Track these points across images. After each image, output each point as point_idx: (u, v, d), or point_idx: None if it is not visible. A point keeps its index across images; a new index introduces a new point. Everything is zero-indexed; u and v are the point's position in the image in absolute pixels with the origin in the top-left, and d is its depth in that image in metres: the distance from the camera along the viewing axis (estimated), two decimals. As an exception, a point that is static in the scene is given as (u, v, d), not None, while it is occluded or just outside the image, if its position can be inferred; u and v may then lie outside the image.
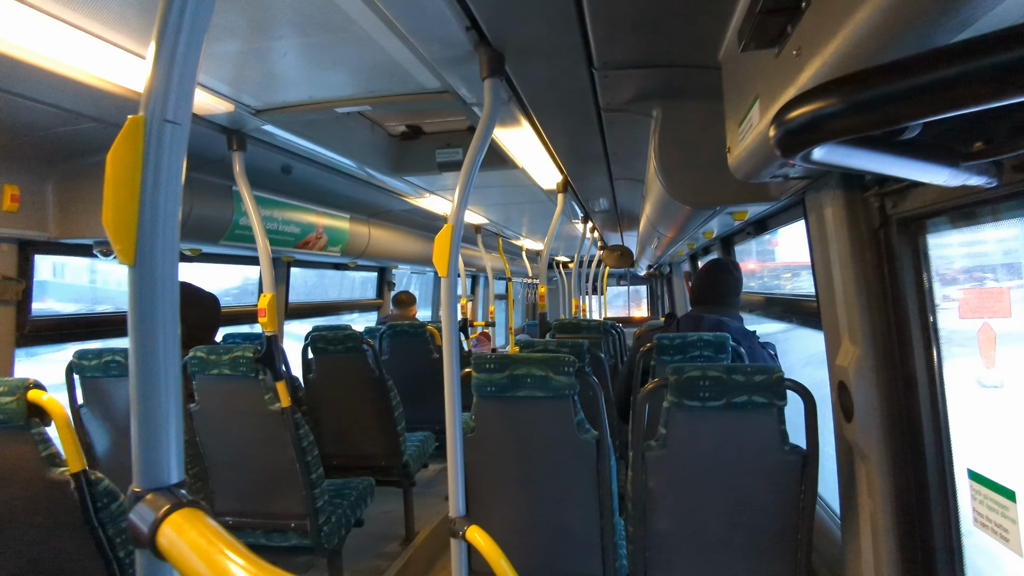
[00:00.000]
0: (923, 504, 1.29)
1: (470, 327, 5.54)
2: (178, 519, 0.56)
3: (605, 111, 2.00)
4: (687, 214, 2.38)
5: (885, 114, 0.55)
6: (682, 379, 1.54)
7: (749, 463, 1.56)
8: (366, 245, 4.04)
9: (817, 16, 0.77)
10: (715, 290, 2.50)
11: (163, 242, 0.60)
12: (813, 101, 0.59)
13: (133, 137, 0.58)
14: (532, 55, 1.56)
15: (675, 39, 1.46)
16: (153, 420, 0.61)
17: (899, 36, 0.62)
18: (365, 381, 3.01)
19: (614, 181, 3.36)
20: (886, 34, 0.63)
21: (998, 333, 1.16)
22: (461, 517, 1.53)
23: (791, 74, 0.87)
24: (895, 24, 0.62)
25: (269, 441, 2.22)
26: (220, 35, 1.43)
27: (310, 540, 2.29)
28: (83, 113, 1.77)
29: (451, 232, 1.51)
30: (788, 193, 1.68)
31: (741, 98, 1.22)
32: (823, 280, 1.53)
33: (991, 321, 1.16)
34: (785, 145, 0.63)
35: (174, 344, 0.62)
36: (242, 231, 2.70)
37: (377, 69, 1.70)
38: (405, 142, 2.89)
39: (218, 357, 2.16)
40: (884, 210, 1.30)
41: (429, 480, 4.08)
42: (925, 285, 1.27)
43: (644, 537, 1.64)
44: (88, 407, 2.31)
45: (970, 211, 1.10)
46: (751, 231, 3.11)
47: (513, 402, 1.72)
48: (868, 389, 1.34)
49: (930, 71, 0.52)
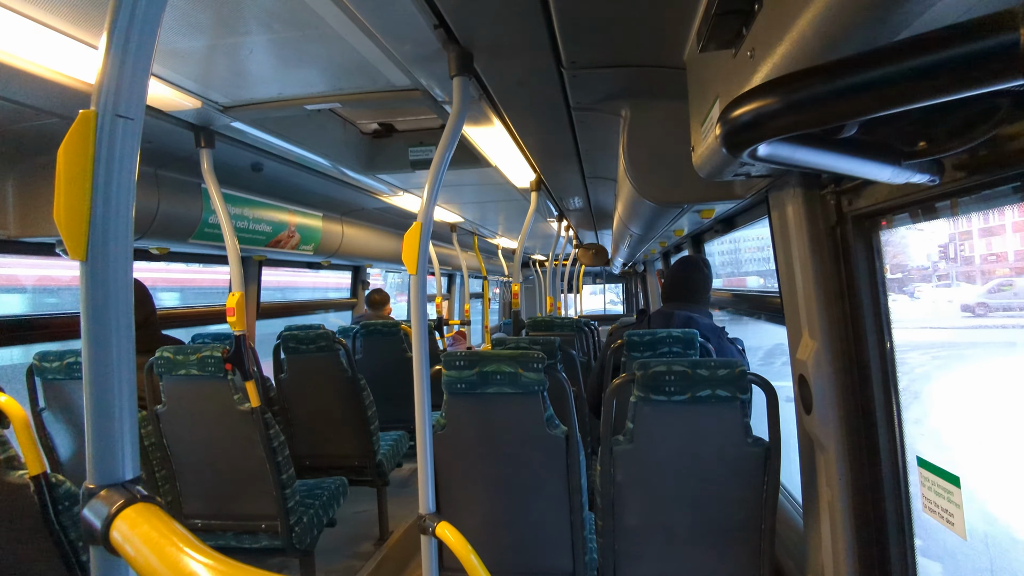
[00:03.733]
0: (877, 492, 1.34)
1: (446, 326, 5.54)
2: (132, 514, 0.56)
3: (575, 110, 2.02)
4: (656, 212, 2.41)
5: (819, 113, 0.57)
6: (648, 374, 1.57)
7: (714, 455, 1.59)
8: (339, 244, 4.01)
9: (768, 18, 0.80)
10: (686, 287, 2.54)
11: (116, 237, 0.60)
12: (754, 100, 0.61)
13: (84, 132, 0.57)
14: (500, 53, 1.57)
15: (641, 40, 1.48)
16: (107, 416, 0.61)
17: (842, 38, 0.65)
18: (338, 381, 2.99)
19: (587, 179, 3.39)
20: (830, 36, 0.66)
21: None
22: (431, 514, 1.53)
23: (746, 74, 0.89)
24: (837, 26, 0.65)
25: (239, 442, 2.19)
26: (186, 31, 1.41)
27: (281, 541, 2.27)
28: (43, 109, 1.72)
29: (420, 230, 1.52)
30: (752, 191, 1.72)
31: (704, 98, 1.24)
32: (785, 276, 1.57)
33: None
34: (730, 142, 0.65)
35: (128, 339, 0.62)
36: (211, 229, 2.66)
37: (346, 66, 1.69)
38: (378, 140, 2.88)
39: (185, 357, 2.13)
40: (840, 207, 1.34)
41: (404, 479, 4.07)
42: (878, 280, 1.31)
43: (613, 531, 1.66)
44: (50, 410, 2.26)
45: (919, 208, 1.14)
46: (719, 229, 3.16)
47: (483, 399, 1.73)
48: (825, 382, 1.38)
49: (861, 72, 0.54)
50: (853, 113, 0.56)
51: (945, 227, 1.77)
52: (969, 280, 1.75)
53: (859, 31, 0.63)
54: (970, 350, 1.94)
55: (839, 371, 1.37)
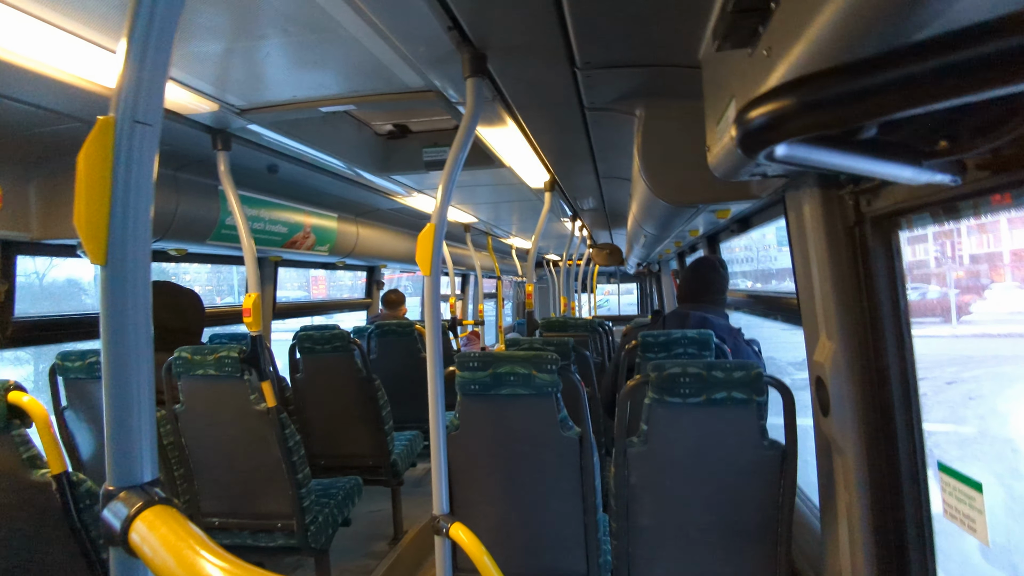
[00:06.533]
0: (896, 495, 1.31)
1: (460, 326, 5.55)
2: (150, 516, 0.57)
3: (589, 110, 2.02)
4: (671, 212, 2.39)
5: (837, 114, 0.56)
6: (663, 376, 1.55)
7: (729, 458, 1.58)
8: (354, 244, 4.04)
9: (785, 17, 0.79)
10: (701, 287, 2.53)
11: (134, 242, 0.61)
12: (771, 102, 0.60)
13: (103, 138, 0.58)
14: (514, 55, 1.56)
15: (655, 39, 1.47)
16: (126, 418, 0.62)
17: (860, 37, 0.64)
18: (352, 381, 3.01)
19: (601, 179, 3.37)
20: (848, 35, 0.65)
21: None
22: (445, 515, 1.54)
23: (762, 74, 0.88)
24: (855, 26, 0.63)
25: (255, 441, 2.22)
26: (203, 34, 1.43)
27: (296, 540, 2.29)
28: (66, 113, 1.76)
29: (434, 231, 1.52)
30: (768, 191, 1.70)
31: (719, 97, 1.23)
32: (802, 277, 1.55)
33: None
34: (746, 144, 0.64)
35: (146, 343, 0.63)
36: (228, 231, 2.69)
37: (361, 68, 1.70)
38: (392, 141, 2.89)
39: (203, 358, 2.16)
40: (859, 208, 1.32)
41: (418, 479, 4.08)
42: (897, 281, 1.29)
43: (627, 532, 1.66)
44: (72, 409, 2.30)
45: (940, 208, 1.12)
46: (735, 229, 3.13)
47: (497, 400, 1.73)
48: (843, 384, 1.36)
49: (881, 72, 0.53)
50: (872, 114, 0.55)
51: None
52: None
53: (878, 30, 0.62)
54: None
55: (857, 373, 1.35)
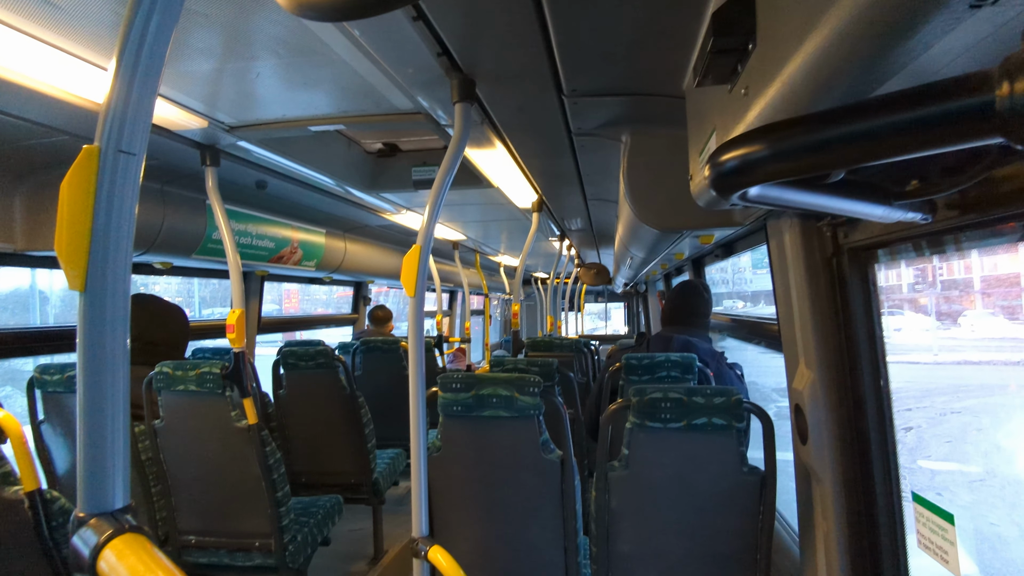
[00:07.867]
0: (872, 524, 1.33)
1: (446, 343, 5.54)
2: (120, 545, 0.56)
3: (576, 135, 2.05)
4: (657, 236, 2.42)
5: (804, 162, 0.58)
6: (644, 400, 1.56)
7: (709, 484, 1.58)
8: (342, 260, 4.03)
9: (761, 59, 0.82)
10: (685, 311, 2.55)
11: (113, 270, 0.61)
12: (742, 146, 0.62)
13: (87, 167, 0.59)
14: (502, 81, 1.59)
15: (641, 69, 1.50)
16: (99, 446, 0.61)
17: (829, 83, 0.66)
18: (336, 398, 2.99)
19: (588, 201, 3.41)
20: (818, 80, 0.67)
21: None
22: (424, 537, 1.52)
23: (740, 112, 0.91)
24: (825, 72, 0.66)
25: (235, 459, 2.19)
26: (194, 55, 1.44)
27: (274, 559, 2.25)
28: (52, 126, 1.75)
29: (419, 253, 1.53)
30: (751, 219, 1.73)
31: (701, 128, 1.26)
32: (783, 304, 1.57)
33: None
34: (719, 186, 0.66)
35: (123, 371, 0.63)
36: (215, 245, 2.68)
37: (350, 90, 1.72)
38: (382, 159, 2.90)
39: (184, 373, 2.13)
40: (836, 239, 1.35)
41: (400, 498, 4.04)
42: (874, 312, 1.31)
43: (607, 557, 1.65)
44: (49, 423, 2.26)
45: (914, 243, 1.15)
46: (719, 253, 3.17)
47: (479, 422, 1.73)
48: (821, 412, 1.38)
49: (844, 124, 0.56)
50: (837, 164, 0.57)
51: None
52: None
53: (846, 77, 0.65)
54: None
55: (835, 402, 1.37)
